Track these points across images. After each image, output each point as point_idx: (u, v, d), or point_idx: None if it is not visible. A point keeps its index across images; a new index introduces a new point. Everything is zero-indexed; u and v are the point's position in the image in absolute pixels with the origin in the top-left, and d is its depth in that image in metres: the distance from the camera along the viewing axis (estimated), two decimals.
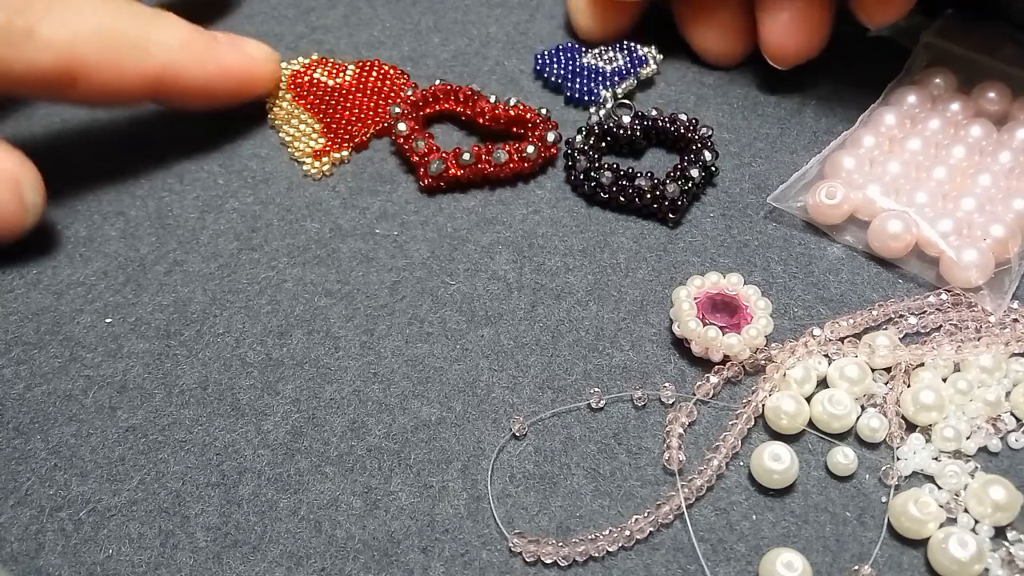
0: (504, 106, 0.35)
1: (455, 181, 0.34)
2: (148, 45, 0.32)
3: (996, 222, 0.31)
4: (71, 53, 0.30)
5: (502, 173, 0.34)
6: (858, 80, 0.37)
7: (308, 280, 0.31)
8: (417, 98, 0.36)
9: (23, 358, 0.29)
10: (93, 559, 0.25)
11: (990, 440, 0.27)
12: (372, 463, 0.27)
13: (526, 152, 0.34)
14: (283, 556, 0.25)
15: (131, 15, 0.32)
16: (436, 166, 0.33)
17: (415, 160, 0.34)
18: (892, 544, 0.25)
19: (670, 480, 0.27)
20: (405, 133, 0.34)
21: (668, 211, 0.33)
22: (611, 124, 0.35)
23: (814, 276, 0.32)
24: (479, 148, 0.34)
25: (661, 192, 0.32)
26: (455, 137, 0.36)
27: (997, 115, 0.36)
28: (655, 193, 0.33)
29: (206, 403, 0.28)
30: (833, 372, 0.28)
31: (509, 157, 0.34)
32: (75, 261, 0.32)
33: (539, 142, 0.34)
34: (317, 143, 0.35)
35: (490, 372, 0.29)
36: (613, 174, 0.33)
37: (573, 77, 0.38)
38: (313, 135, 0.36)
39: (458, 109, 0.36)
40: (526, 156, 0.34)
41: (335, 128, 0.36)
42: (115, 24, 0.31)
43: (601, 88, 0.37)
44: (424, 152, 0.34)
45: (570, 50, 0.39)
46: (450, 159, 0.34)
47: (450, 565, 0.25)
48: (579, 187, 0.34)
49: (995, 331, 0.29)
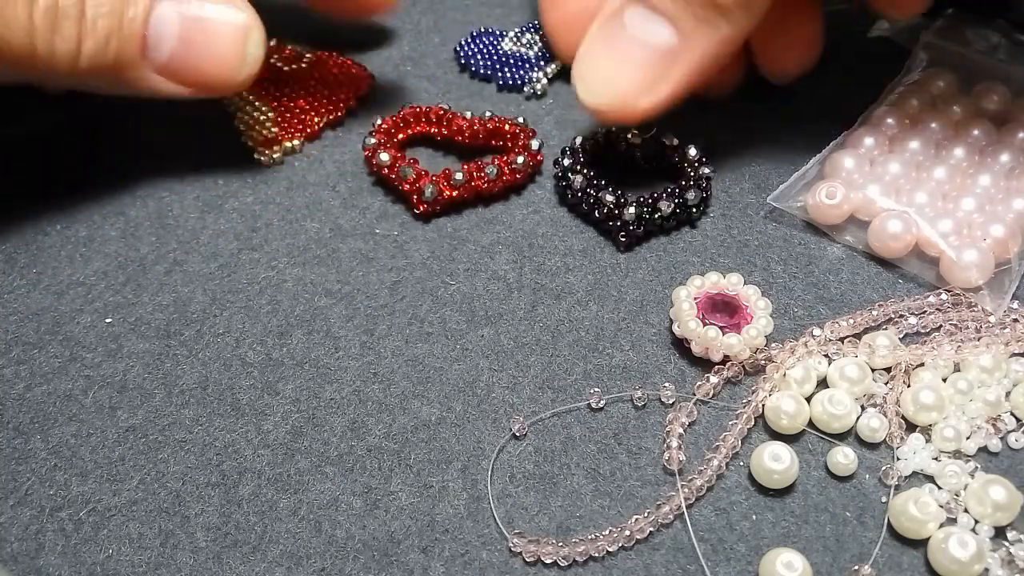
0: (480, 121, 0.35)
1: (450, 203, 0.33)
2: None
3: (996, 222, 0.31)
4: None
5: (495, 187, 0.34)
6: (858, 80, 0.37)
7: (308, 280, 0.31)
8: (389, 125, 0.35)
9: (23, 358, 0.29)
10: (93, 559, 0.25)
11: (990, 440, 0.27)
12: (372, 463, 0.27)
13: (516, 163, 0.33)
14: (283, 556, 0.25)
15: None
16: (430, 191, 0.33)
17: (405, 189, 0.33)
18: (892, 544, 0.25)
19: (670, 480, 0.27)
20: (388, 163, 0.33)
21: (618, 232, 0.32)
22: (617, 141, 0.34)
23: (814, 276, 0.32)
24: (469, 165, 0.33)
25: (620, 212, 0.32)
26: (424, 155, 0.36)
27: (997, 115, 0.36)
28: (612, 211, 0.32)
29: (206, 403, 0.28)
30: (833, 372, 0.28)
31: (500, 170, 0.33)
32: (75, 261, 0.32)
33: (524, 151, 0.34)
34: (269, 132, 0.35)
35: (490, 372, 0.29)
36: (584, 179, 0.32)
37: (500, 67, 0.38)
38: (267, 123, 0.36)
39: (433, 130, 0.36)
40: (516, 167, 0.33)
41: (288, 117, 0.36)
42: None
43: (531, 72, 0.38)
44: (413, 179, 0.33)
45: (488, 35, 0.39)
46: (442, 181, 0.33)
47: (450, 565, 0.25)
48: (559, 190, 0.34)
49: (995, 331, 0.29)
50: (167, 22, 0.30)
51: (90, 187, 0.34)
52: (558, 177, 0.34)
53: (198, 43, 0.31)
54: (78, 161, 0.35)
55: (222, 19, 0.31)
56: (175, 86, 0.32)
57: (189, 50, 0.31)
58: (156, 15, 0.30)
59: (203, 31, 0.31)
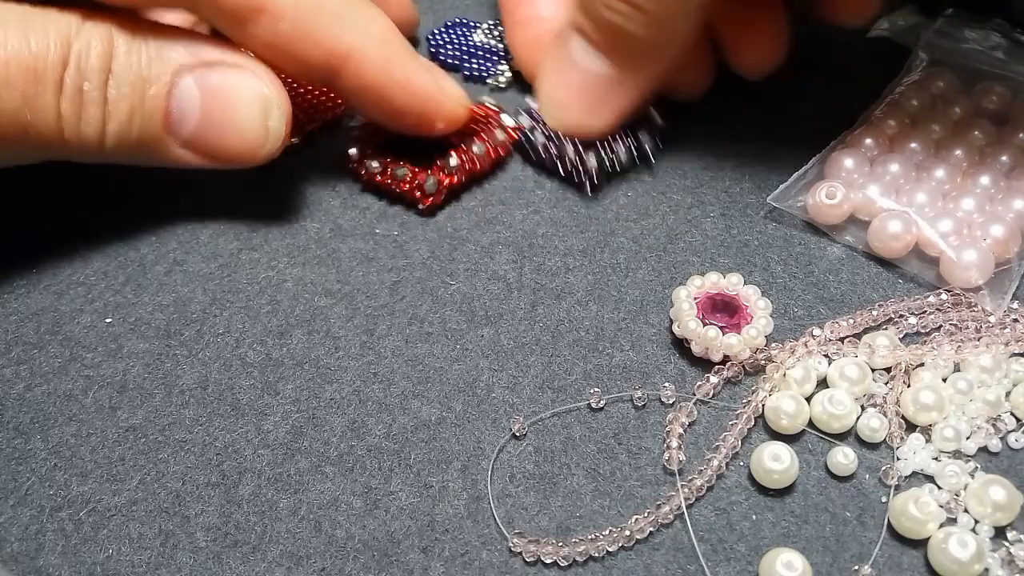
0: None
1: (450, 190, 0.34)
2: (344, 22, 0.30)
3: (996, 222, 0.31)
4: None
5: (485, 166, 0.34)
6: (858, 80, 0.37)
7: (308, 280, 0.31)
8: (366, 129, 0.35)
9: (23, 358, 0.29)
10: (93, 559, 0.25)
11: (990, 440, 0.27)
12: (372, 463, 0.27)
13: (497, 139, 0.34)
14: (283, 556, 0.25)
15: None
16: (432, 183, 0.33)
17: (404, 189, 0.33)
18: (892, 544, 0.25)
19: (670, 480, 0.27)
20: (379, 169, 0.33)
21: (583, 180, 0.34)
22: None
23: (814, 276, 0.32)
24: (455, 150, 0.34)
25: (582, 161, 0.33)
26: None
27: (997, 115, 0.36)
28: (575, 162, 0.34)
29: (206, 403, 0.28)
30: (833, 372, 0.28)
31: (486, 147, 0.34)
32: (75, 261, 0.32)
33: (500, 127, 0.35)
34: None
35: (490, 372, 0.29)
36: (544, 135, 0.34)
37: (469, 57, 0.39)
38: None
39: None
40: (499, 142, 0.34)
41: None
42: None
43: (498, 64, 0.39)
44: (410, 178, 0.33)
45: (462, 27, 0.39)
46: (438, 171, 0.33)
47: (450, 565, 0.25)
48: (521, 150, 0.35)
49: (995, 331, 0.29)
50: (189, 97, 0.30)
51: (90, 187, 0.34)
52: (520, 142, 0.35)
53: (219, 117, 0.30)
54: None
55: (241, 91, 0.30)
56: (201, 159, 0.31)
57: (211, 124, 0.31)
58: (179, 90, 0.30)
59: (223, 105, 0.30)
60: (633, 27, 0.31)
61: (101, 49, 0.28)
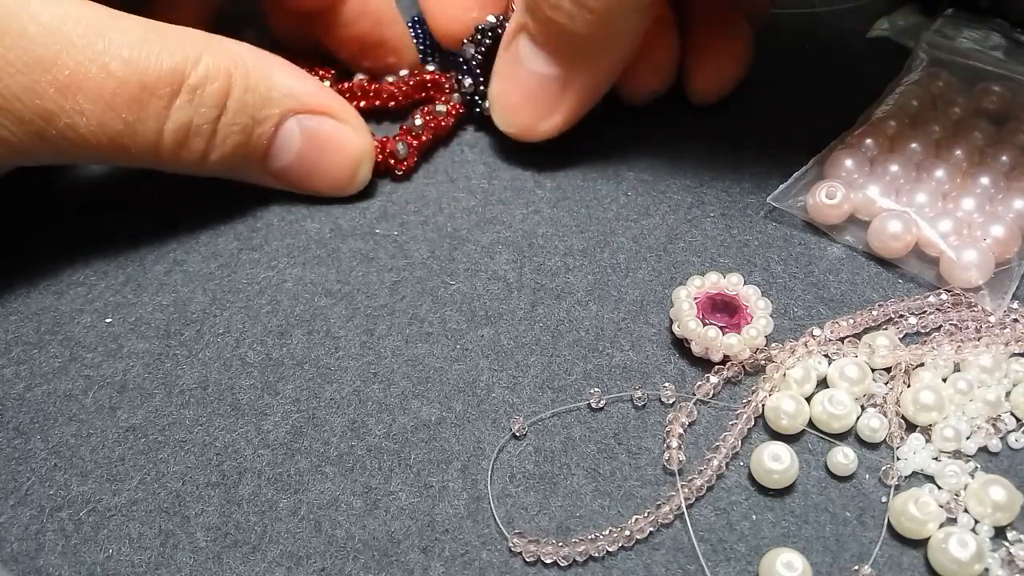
0: (403, 81, 0.37)
1: (424, 147, 0.35)
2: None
3: (996, 222, 0.31)
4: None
5: (450, 125, 0.36)
6: (858, 80, 0.37)
7: (308, 280, 0.31)
8: None
9: (23, 358, 0.29)
10: (93, 559, 0.25)
11: (990, 440, 0.27)
12: (372, 463, 0.27)
13: (455, 99, 0.36)
14: (283, 556, 0.25)
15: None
16: (403, 148, 0.34)
17: (379, 160, 0.34)
18: (892, 544, 0.25)
19: (670, 480, 0.27)
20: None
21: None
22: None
23: (814, 276, 0.32)
24: (421, 110, 0.35)
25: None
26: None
27: (997, 115, 0.36)
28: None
29: (206, 403, 0.28)
30: (833, 372, 0.28)
31: (447, 108, 0.36)
32: (75, 261, 0.32)
33: (456, 91, 0.36)
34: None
35: (490, 372, 0.29)
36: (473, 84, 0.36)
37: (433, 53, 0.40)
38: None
39: (363, 104, 0.37)
40: (458, 102, 0.36)
41: None
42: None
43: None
44: (378, 148, 0.34)
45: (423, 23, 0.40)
46: (405, 135, 0.35)
47: (450, 565, 0.25)
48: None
49: (995, 331, 0.29)
50: (290, 137, 0.32)
51: (90, 187, 0.34)
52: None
53: (313, 159, 0.32)
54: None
55: (340, 142, 0.32)
56: (282, 185, 0.33)
57: (303, 164, 0.32)
58: (283, 129, 0.31)
59: (320, 151, 0.32)
60: (577, 26, 0.31)
61: (219, 86, 0.29)
